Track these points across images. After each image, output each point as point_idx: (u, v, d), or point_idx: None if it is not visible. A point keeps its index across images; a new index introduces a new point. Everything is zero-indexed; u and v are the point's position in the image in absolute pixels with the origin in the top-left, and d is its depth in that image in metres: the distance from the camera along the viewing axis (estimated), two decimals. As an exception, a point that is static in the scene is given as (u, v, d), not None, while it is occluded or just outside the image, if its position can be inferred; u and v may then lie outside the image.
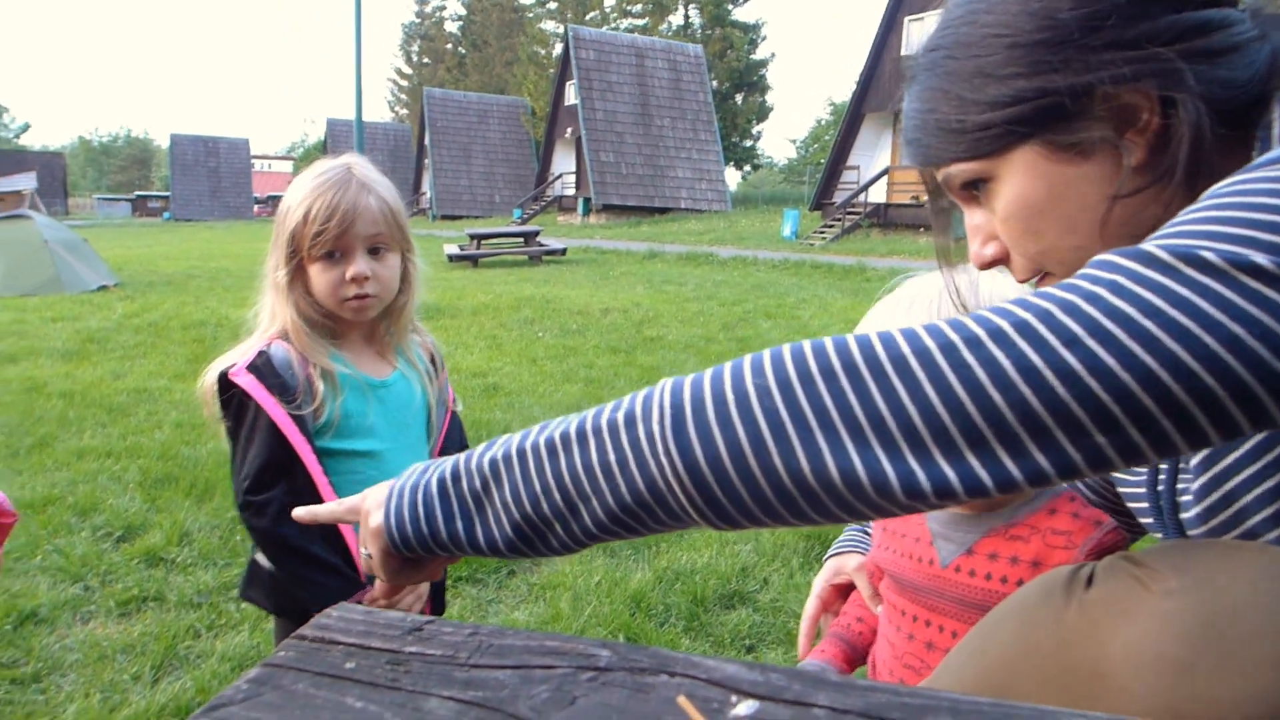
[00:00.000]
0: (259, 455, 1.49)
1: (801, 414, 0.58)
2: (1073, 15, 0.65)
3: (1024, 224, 0.74)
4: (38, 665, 2.62)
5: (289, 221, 1.51)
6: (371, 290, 1.52)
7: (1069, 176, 0.70)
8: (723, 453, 0.60)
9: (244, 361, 1.51)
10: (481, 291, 11.84)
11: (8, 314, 9.66)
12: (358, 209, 1.49)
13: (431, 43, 68.67)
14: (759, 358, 0.65)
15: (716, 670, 0.51)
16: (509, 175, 45.56)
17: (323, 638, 0.54)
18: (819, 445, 0.57)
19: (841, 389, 0.58)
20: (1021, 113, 0.68)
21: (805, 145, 74.75)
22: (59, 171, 66.57)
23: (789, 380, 0.61)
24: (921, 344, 0.56)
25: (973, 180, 0.76)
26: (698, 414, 0.63)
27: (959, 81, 0.71)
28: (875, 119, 25.54)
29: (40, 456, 4.61)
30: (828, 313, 10.22)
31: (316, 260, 1.51)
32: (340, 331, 1.60)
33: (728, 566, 3.27)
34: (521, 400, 5.95)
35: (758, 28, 45.75)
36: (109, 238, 29.23)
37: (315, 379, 1.52)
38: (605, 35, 36.03)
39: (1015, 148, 0.71)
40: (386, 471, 1.60)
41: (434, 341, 1.80)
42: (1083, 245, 0.71)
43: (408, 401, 1.66)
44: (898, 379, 0.56)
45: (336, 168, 1.54)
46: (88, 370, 6.85)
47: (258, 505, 1.48)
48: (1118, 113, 0.67)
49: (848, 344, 0.60)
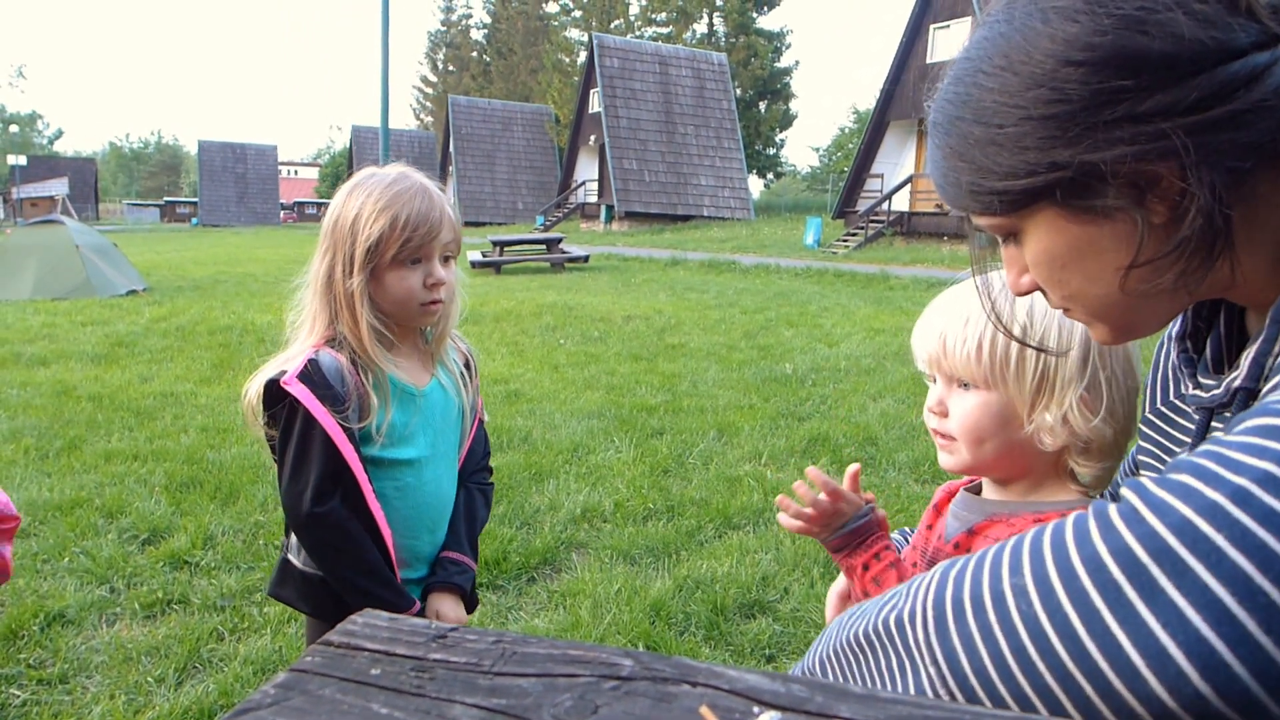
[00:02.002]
0: (315, 467, 1.48)
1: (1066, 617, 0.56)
2: (1082, 90, 0.63)
3: (1049, 274, 0.75)
4: (64, 666, 2.66)
5: (367, 229, 1.50)
6: (444, 296, 1.57)
7: (1090, 235, 0.70)
8: (987, 662, 0.59)
9: (295, 370, 1.49)
10: (504, 298, 11.89)
11: (39, 317, 9.81)
12: (443, 219, 1.54)
13: (457, 51, 69.17)
14: (1018, 546, 0.62)
15: (739, 680, 0.51)
16: (532, 182, 45.76)
17: (349, 644, 0.55)
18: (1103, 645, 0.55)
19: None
20: (1035, 184, 0.68)
21: (829, 153, 74.54)
22: (90, 177, 67.57)
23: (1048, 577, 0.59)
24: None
25: (998, 232, 0.77)
26: (959, 619, 0.62)
27: (974, 147, 0.71)
28: (899, 127, 25.45)
29: (69, 459, 4.68)
30: (850, 321, 10.18)
31: (396, 267, 1.52)
32: (391, 340, 1.60)
33: (748, 576, 3.26)
34: (543, 407, 5.96)
35: (782, 35, 45.74)
36: (138, 243, 29.63)
37: (368, 389, 1.53)
38: (629, 43, 36.13)
39: (1035, 209, 0.71)
40: (424, 479, 1.62)
41: (470, 348, 1.81)
42: (1104, 294, 0.73)
43: (444, 409, 1.67)
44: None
45: (406, 177, 1.56)
46: (116, 374, 6.95)
47: (322, 516, 1.49)
48: (1137, 179, 0.65)
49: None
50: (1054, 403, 1.01)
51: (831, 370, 7.23)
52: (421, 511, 1.64)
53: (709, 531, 3.77)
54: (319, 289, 1.56)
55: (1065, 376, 1.00)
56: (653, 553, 3.53)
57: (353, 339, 1.53)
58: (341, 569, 1.54)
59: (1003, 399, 1.03)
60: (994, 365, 1.01)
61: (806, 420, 5.63)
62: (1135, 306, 0.73)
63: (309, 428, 1.48)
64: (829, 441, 5.06)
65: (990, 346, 1.01)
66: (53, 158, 76.32)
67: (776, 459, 4.81)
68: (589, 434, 5.26)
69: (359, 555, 1.53)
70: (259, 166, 60.80)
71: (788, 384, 6.73)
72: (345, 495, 1.52)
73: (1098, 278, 0.72)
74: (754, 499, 4.11)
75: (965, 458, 1.06)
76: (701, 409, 5.92)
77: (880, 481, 4.43)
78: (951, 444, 1.07)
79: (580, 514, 3.94)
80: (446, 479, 1.69)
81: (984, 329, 1.02)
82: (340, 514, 1.51)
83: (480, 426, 1.80)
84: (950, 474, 1.14)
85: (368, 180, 1.55)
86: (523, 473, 4.50)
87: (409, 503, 1.61)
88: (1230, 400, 0.73)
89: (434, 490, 1.65)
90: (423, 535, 1.66)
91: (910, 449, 4.92)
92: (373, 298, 1.54)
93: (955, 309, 1.06)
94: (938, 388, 1.08)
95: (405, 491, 1.60)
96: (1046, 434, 1.02)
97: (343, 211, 1.54)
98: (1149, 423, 0.91)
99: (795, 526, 1.16)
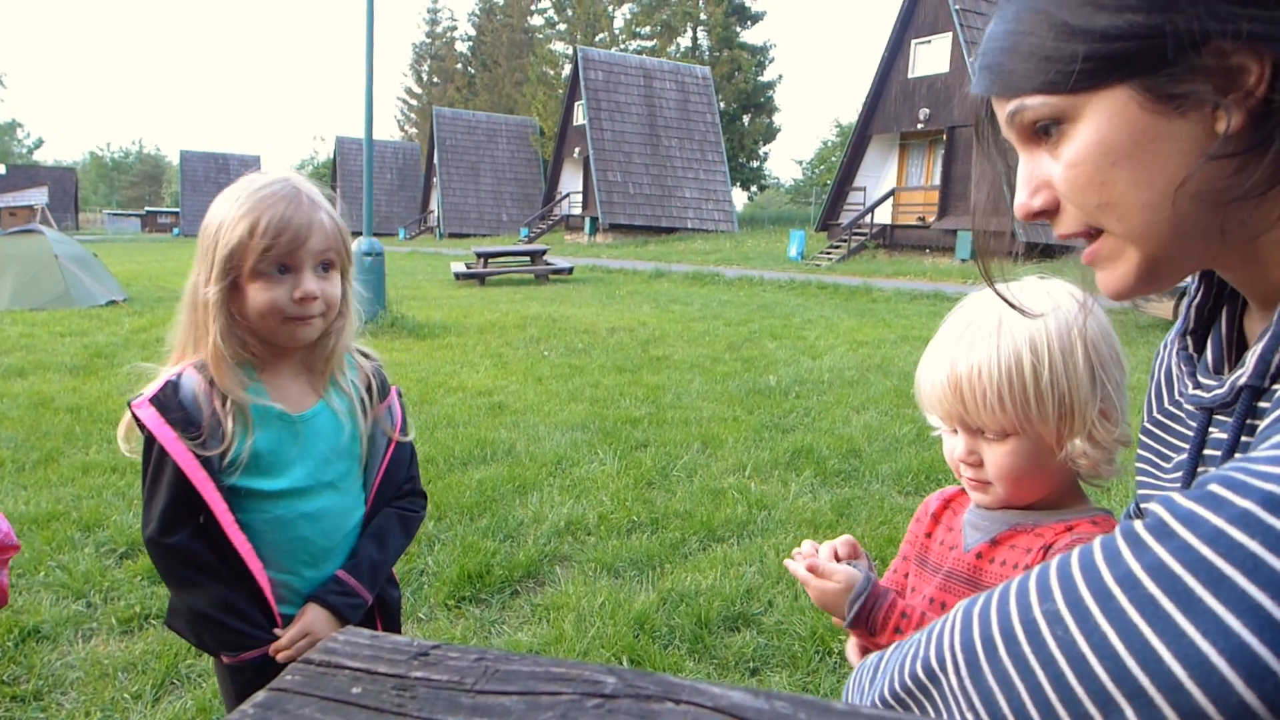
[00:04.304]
0: (164, 495, 1.40)
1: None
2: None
3: (1094, 172, 0.69)
4: (39, 683, 2.62)
5: (227, 236, 1.38)
6: (317, 310, 1.43)
7: (1158, 129, 0.65)
8: (1025, 699, 0.57)
9: (148, 393, 1.41)
10: (488, 310, 11.87)
11: (16, 328, 9.71)
12: (312, 224, 1.40)
13: (442, 63, 69.23)
14: (1045, 574, 0.60)
15: (722, 698, 0.50)
16: (517, 194, 45.81)
17: (329, 662, 0.54)
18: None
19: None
20: (1126, 49, 0.63)
21: (812, 166, 75.05)
22: (70, 187, 67.10)
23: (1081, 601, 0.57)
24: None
25: (1045, 119, 0.70)
26: (991, 656, 0.60)
27: (1065, 5, 0.66)
28: (881, 140, 25.64)
29: (46, 471, 4.62)
30: (834, 333, 10.22)
31: (258, 278, 1.39)
32: (266, 359, 1.48)
33: (732, 588, 3.25)
34: (527, 419, 5.95)
35: (765, 50, 46.03)
36: (118, 253, 29.40)
37: (223, 414, 1.41)
38: (614, 56, 36.29)
39: (1108, 87, 0.66)
40: (301, 511, 1.48)
41: (378, 367, 1.65)
42: (1151, 204, 0.67)
43: (331, 435, 1.52)
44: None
45: (280, 182, 1.43)
46: (95, 385, 6.88)
47: (166, 546, 1.41)
48: (1224, 70, 0.62)
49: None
50: (1078, 426, 1.03)
51: (815, 382, 7.25)
52: (298, 546, 1.50)
53: (693, 544, 3.77)
54: (185, 302, 1.46)
55: (1082, 398, 1.02)
56: (637, 565, 3.52)
57: (210, 356, 1.42)
58: (189, 599, 1.45)
59: (1033, 438, 1.04)
60: (1017, 411, 1.02)
61: (790, 432, 5.64)
62: (1176, 230, 0.68)
63: (161, 455, 1.40)
64: (812, 454, 5.07)
65: (1010, 393, 1.02)
66: (32, 167, 75.76)
67: (760, 471, 4.82)
68: (573, 446, 5.25)
69: (206, 587, 1.43)
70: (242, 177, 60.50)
71: (771, 396, 6.75)
72: (209, 526, 1.43)
73: (1149, 183, 0.67)
74: (738, 511, 4.11)
75: (1003, 496, 1.08)
76: (685, 421, 5.92)
77: (864, 494, 4.44)
78: (987, 486, 1.09)
79: (564, 527, 3.93)
80: (334, 511, 1.54)
81: (1000, 377, 1.02)
82: (186, 545, 1.42)
83: (399, 449, 1.64)
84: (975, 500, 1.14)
85: (239, 184, 1.44)
86: (506, 485, 4.48)
87: (281, 536, 1.48)
88: (1234, 399, 0.71)
89: (313, 524, 1.51)
90: (302, 571, 1.52)
91: (893, 461, 4.94)
92: (236, 312, 1.42)
93: (962, 361, 1.05)
94: (960, 439, 1.09)
95: (276, 524, 1.48)
96: (1080, 457, 1.04)
97: (210, 217, 1.42)
98: (1148, 431, 0.90)
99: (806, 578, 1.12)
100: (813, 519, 4.04)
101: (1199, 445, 0.77)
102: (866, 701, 0.71)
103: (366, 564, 1.55)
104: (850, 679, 0.80)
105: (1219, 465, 0.59)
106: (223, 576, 1.44)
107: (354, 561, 1.55)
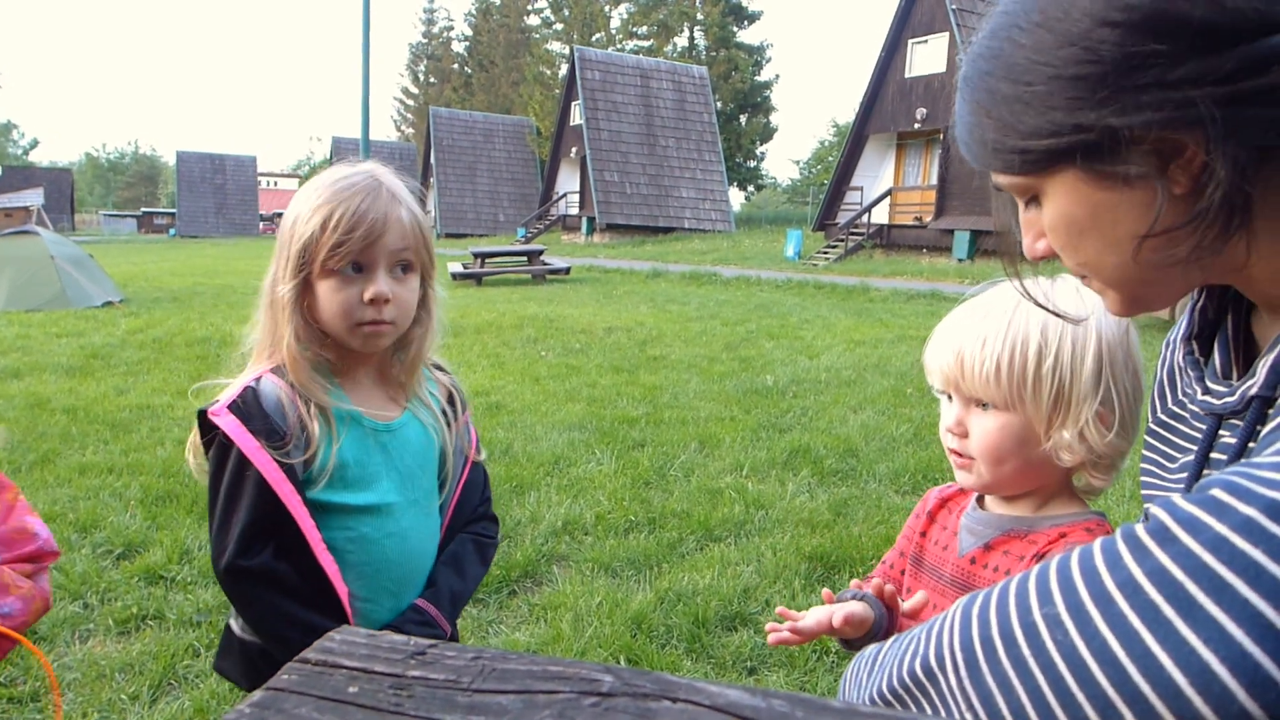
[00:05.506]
0: (244, 513, 1.28)
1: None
2: (1115, 52, 0.62)
3: (1065, 240, 0.74)
4: (35, 684, 2.61)
5: (301, 229, 1.29)
6: (389, 315, 1.32)
7: (1111, 201, 0.68)
8: (1025, 701, 0.57)
9: (227, 399, 1.30)
10: (485, 310, 11.86)
11: (13, 329, 9.68)
12: (388, 220, 1.29)
13: (438, 63, 69.16)
14: (1044, 574, 0.61)
15: (719, 696, 0.50)
16: (513, 194, 45.74)
17: (326, 661, 0.54)
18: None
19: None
20: (1058, 145, 0.67)
21: (809, 166, 75.08)
22: (66, 187, 66.95)
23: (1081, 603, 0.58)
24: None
25: (1019, 192, 0.76)
26: (990, 657, 0.60)
27: (1001, 104, 0.69)
28: (878, 140, 25.66)
29: (42, 472, 4.61)
30: (831, 333, 10.23)
31: (330, 276, 1.29)
32: (345, 365, 1.39)
33: (729, 588, 3.25)
34: (524, 419, 5.94)
35: (762, 49, 46.03)
36: (115, 254, 29.35)
37: (309, 420, 1.31)
38: (611, 56, 36.26)
39: (1056, 171, 0.70)
40: (388, 530, 1.36)
41: (455, 380, 1.56)
42: (1120, 264, 0.71)
43: (418, 448, 1.43)
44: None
45: (361, 174, 1.33)
46: (91, 386, 6.86)
47: (246, 570, 1.28)
48: (1161, 147, 0.64)
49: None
50: (1070, 420, 1.02)
51: (812, 382, 7.26)
52: (382, 570, 1.38)
53: (690, 544, 3.77)
54: (264, 300, 1.36)
55: (1080, 393, 1.02)
56: (634, 565, 3.52)
57: (287, 359, 1.32)
58: (268, 624, 1.33)
59: (1021, 419, 1.04)
60: (1012, 386, 1.03)
61: (787, 432, 5.64)
62: (1148, 278, 0.72)
63: (240, 466, 1.28)
64: (810, 453, 5.07)
65: (1009, 368, 1.02)
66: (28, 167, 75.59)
67: (758, 471, 4.82)
68: (570, 446, 5.25)
69: (299, 617, 1.29)
70: (238, 177, 60.49)
71: (769, 396, 6.75)
72: (290, 547, 1.30)
73: (1114, 245, 0.70)
74: (735, 511, 4.11)
75: (985, 477, 1.08)
76: (683, 421, 5.92)
77: (861, 493, 4.45)
78: (970, 464, 1.09)
79: (561, 526, 3.93)
80: (420, 532, 1.43)
81: (1001, 350, 1.02)
82: (271, 567, 1.29)
83: (475, 470, 1.54)
84: (966, 487, 1.14)
85: (323, 175, 1.35)
86: (503, 485, 4.48)
87: (366, 558, 1.36)
88: (1245, 408, 0.71)
89: (399, 545, 1.39)
90: (383, 599, 1.40)
91: (890, 460, 4.94)
92: (308, 313, 1.33)
93: (971, 329, 1.06)
94: (954, 407, 1.09)
95: (362, 544, 1.36)
96: (1065, 451, 1.03)
97: (289, 209, 1.34)
98: (1153, 432, 0.90)
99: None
100: (810, 518, 4.05)
101: (1206, 448, 0.77)
102: (864, 695, 0.72)
103: (446, 592, 1.44)
104: (847, 669, 0.80)
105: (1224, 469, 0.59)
106: (316, 604, 1.31)
107: (433, 590, 1.44)
